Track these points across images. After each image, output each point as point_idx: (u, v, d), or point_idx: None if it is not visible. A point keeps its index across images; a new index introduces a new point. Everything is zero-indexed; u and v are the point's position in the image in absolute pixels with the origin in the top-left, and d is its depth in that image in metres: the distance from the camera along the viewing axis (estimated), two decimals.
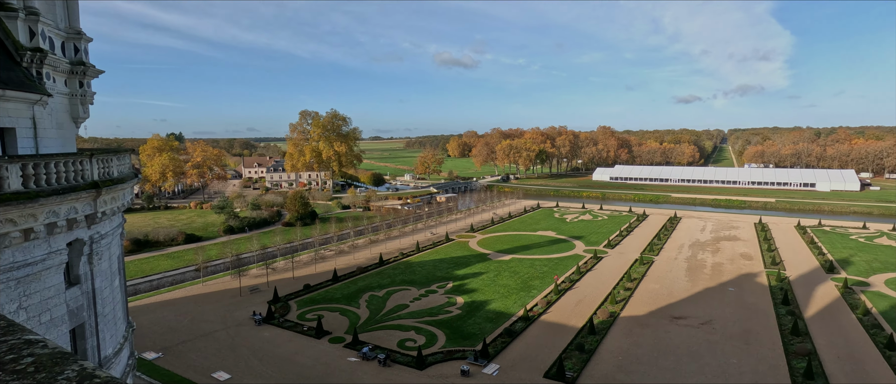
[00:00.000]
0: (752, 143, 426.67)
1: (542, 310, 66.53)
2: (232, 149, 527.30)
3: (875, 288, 76.20)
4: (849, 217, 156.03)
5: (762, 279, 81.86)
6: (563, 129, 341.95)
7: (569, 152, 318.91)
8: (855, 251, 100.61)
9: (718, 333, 58.78)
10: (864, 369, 49.49)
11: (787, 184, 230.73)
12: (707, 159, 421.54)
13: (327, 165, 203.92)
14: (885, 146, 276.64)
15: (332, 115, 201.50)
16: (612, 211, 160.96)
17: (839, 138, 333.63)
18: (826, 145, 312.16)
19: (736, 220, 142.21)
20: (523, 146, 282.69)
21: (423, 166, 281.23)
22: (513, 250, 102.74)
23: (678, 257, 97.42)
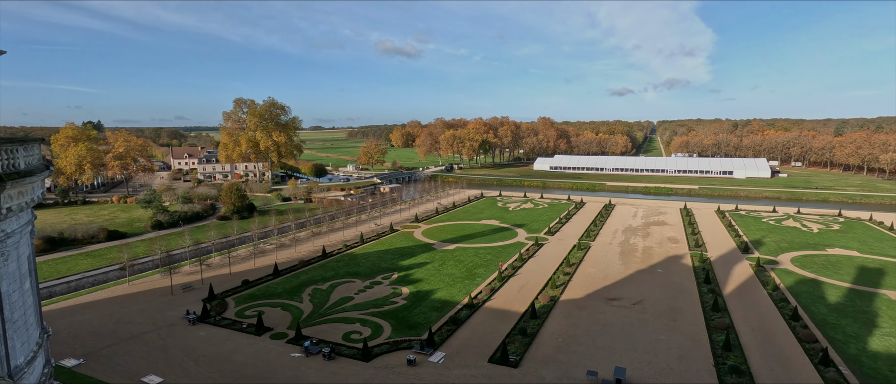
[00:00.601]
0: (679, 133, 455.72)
1: (487, 297, 67.98)
2: (159, 139, 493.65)
3: (783, 265, 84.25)
4: (761, 201, 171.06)
5: (687, 260, 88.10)
6: (505, 119, 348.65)
7: (511, 142, 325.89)
8: (766, 233, 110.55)
9: (649, 312, 62.74)
10: (773, 339, 54.75)
11: (709, 171, 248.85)
12: (638, 149, 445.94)
13: (265, 156, 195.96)
14: (791, 137, 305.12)
15: (269, 103, 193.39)
16: (552, 199, 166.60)
17: (753, 129, 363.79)
18: (742, 136, 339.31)
19: (664, 206, 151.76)
20: (467, 136, 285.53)
21: (367, 156, 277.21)
22: (457, 239, 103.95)
23: (613, 242, 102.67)
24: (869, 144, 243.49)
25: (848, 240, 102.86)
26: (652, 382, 45.39)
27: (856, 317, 60.95)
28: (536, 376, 46.45)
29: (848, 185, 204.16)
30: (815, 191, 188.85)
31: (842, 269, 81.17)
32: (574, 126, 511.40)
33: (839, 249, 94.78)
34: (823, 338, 54.73)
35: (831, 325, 58.30)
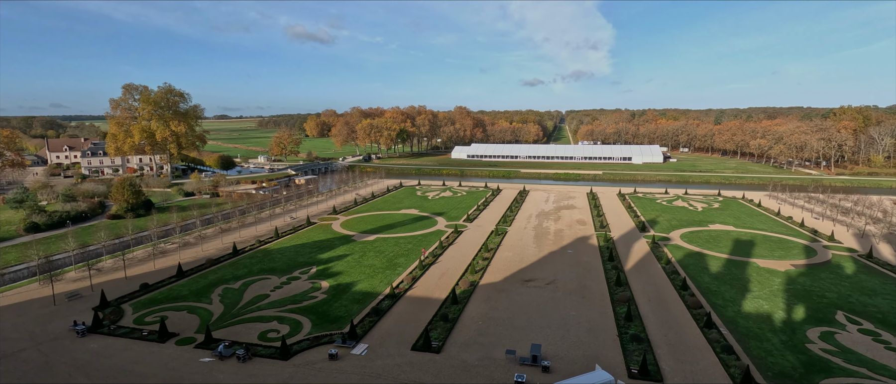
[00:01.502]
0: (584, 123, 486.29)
1: (408, 286, 68.30)
2: (30, 129, 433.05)
3: (674, 242, 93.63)
4: (655, 184, 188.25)
5: (593, 241, 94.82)
6: (422, 108, 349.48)
7: (428, 131, 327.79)
8: (660, 212, 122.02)
9: (561, 291, 66.83)
10: (666, 307, 60.88)
11: (611, 158, 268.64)
12: (549, 137, 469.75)
13: (163, 148, 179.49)
14: (679, 125, 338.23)
15: (165, 90, 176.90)
16: (470, 187, 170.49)
17: (648, 119, 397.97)
18: (639, 125, 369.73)
19: (573, 191, 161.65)
20: (384, 125, 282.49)
21: (279, 147, 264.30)
22: (377, 230, 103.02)
23: (527, 226, 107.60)
24: (742, 132, 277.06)
25: (725, 216, 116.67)
26: (565, 355, 48.54)
27: (732, 283, 69.55)
28: (458, 360, 47.69)
29: (725, 167, 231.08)
30: (699, 173, 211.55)
31: (721, 243, 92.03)
32: (489, 115, 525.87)
33: (719, 225, 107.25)
34: (707, 303, 61.86)
35: (713, 292, 66.03)
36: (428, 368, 46.14)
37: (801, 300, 62.91)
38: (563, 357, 48.26)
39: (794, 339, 51.75)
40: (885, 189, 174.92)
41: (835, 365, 46.33)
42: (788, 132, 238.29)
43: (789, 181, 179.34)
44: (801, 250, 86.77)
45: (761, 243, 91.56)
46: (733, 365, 46.05)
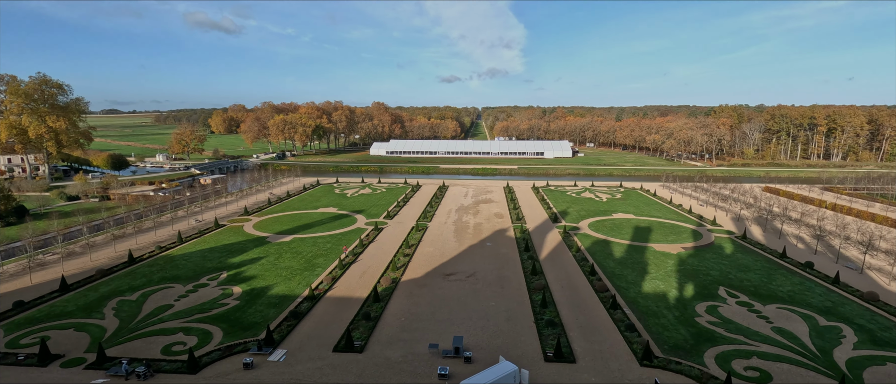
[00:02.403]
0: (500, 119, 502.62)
1: (328, 286, 66.50)
2: None
3: (583, 231, 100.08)
4: (565, 177, 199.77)
5: (510, 233, 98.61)
6: (339, 104, 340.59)
7: (346, 128, 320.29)
8: (570, 204, 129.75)
9: (481, 283, 68.78)
10: (577, 292, 65.02)
11: (525, 153, 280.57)
12: (467, 133, 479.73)
13: (38, 146, 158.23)
14: (585, 122, 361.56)
15: (39, 80, 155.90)
16: (389, 183, 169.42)
17: (558, 116, 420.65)
18: (550, 121, 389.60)
19: (490, 186, 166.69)
20: (299, 121, 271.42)
21: (181, 145, 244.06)
22: (294, 230, 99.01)
23: (447, 221, 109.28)
24: (639, 128, 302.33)
25: (626, 206, 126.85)
26: (486, 345, 50.08)
27: (634, 267, 75.88)
28: (382, 358, 47.38)
29: (626, 161, 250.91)
30: (603, 167, 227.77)
31: (623, 230, 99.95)
32: (408, 111, 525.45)
33: (621, 214, 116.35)
34: (612, 287, 66.96)
35: (618, 276, 71.59)
36: (351, 369, 45.34)
37: (691, 279, 70.24)
38: (484, 346, 49.75)
39: (685, 314, 57.69)
40: (755, 178, 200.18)
41: (718, 334, 52.35)
42: (678, 128, 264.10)
43: (679, 172, 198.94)
44: (690, 234, 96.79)
45: (657, 229, 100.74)
46: (635, 341, 50.35)
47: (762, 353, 48.06)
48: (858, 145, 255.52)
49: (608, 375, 44.54)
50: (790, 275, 72.08)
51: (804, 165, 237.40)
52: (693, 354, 48.15)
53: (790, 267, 76.18)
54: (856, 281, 70.03)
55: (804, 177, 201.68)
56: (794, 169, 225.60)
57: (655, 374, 44.35)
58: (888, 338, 52.01)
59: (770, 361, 46.56)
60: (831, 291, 65.58)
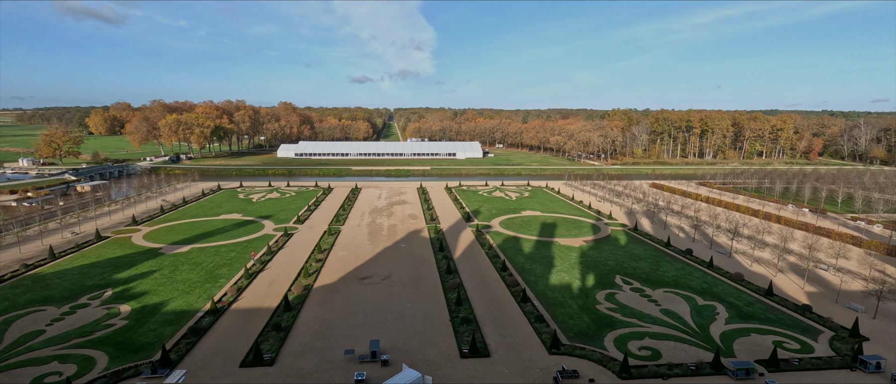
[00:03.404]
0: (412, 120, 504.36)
1: (234, 298, 62.30)
2: None
3: (495, 229, 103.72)
4: (477, 177, 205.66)
5: (425, 233, 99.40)
6: (241, 103, 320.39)
7: (250, 128, 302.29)
8: (482, 203, 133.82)
9: (396, 285, 68.53)
10: (490, 288, 67.25)
11: (438, 154, 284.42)
12: (379, 134, 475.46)
13: None
14: (494, 124, 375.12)
15: None
16: (299, 187, 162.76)
17: (469, 117, 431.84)
18: (461, 123, 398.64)
19: (404, 187, 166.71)
20: (196, 121, 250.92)
21: (52, 148, 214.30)
22: (192, 239, 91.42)
23: (361, 224, 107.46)
24: (543, 130, 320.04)
25: (534, 203, 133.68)
26: (403, 346, 50.00)
27: (541, 261, 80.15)
28: (294, 369, 45.38)
29: (532, 161, 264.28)
30: (512, 167, 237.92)
31: (531, 226, 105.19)
32: (317, 112, 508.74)
33: (529, 211, 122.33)
34: (522, 281, 70.19)
35: (527, 270, 75.17)
36: (260, 383, 42.86)
37: (591, 269, 75.78)
38: (401, 348, 49.64)
39: (587, 303, 62.11)
40: (643, 175, 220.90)
41: (616, 319, 57.02)
42: (577, 130, 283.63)
43: (580, 171, 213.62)
44: (590, 228, 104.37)
45: (562, 225, 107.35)
46: (544, 331, 53.23)
47: (653, 333, 53.19)
48: (725, 145, 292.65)
49: (520, 366, 46.59)
50: (674, 262, 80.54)
51: (683, 163, 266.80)
52: (595, 339, 51.98)
53: (674, 254, 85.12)
54: (725, 263, 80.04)
55: (683, 173, 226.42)
56: (675, 166, 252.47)
57: (562, 361, 47.24)
58: (751, 311, 60.10)
59: (660, 340, 51.66)
60: (707, 274, 74.33)
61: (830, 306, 62.61)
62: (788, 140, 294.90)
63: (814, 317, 58.41)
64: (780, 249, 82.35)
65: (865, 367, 46.56)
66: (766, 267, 79.44)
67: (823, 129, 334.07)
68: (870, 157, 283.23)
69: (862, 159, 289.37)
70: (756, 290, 67.16)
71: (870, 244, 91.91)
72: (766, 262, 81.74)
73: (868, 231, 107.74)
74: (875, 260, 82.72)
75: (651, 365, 46.39)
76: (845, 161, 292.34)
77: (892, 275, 75.32)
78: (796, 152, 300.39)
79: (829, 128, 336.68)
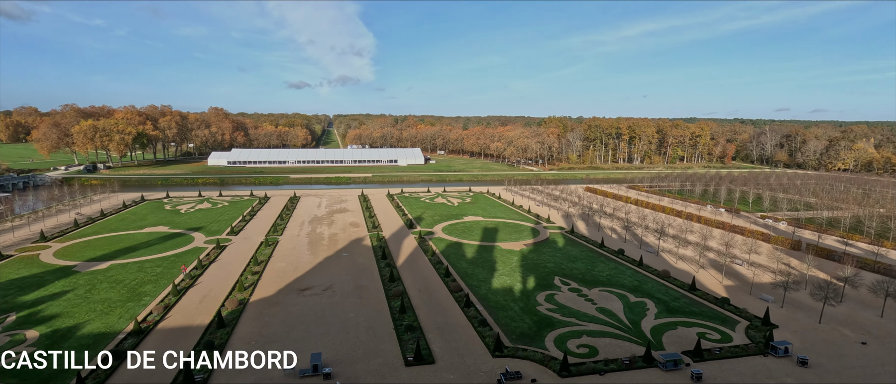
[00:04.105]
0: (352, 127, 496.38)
1: (160, 316, 58.13)
2: None
3: (437, 235, 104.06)
4: (419, 184, 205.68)
5: (367, 241, 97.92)
6: (167, 108, 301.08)
7: (177, 135, 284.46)
8: (424, 209, 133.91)
9: (338, 295, 66.90)
10: (434, 295, 67.30)
11: (379, 161, 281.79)
12: (318, 141, 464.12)
13: None
14: (436, 130, 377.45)
15: None
16: (233, 196, 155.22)
17: (410, 124, 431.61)
18: (402, 129, 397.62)
19: (345, 195, 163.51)
20: (115, 128, 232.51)
21: None
22: (112, 255, 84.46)
23: (300, 234, 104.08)
24: (484, 137, 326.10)
25: (476, 209, 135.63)
26: (346, 357, 48.82)
27: (484, 266, 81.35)
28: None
29: (473, 167, 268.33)
30: (454, 173, 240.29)
31: (473, 232, 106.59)
32: (252, 118, 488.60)
33: (471, 217, 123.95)
34: (466, 286, 70.85)
35: (470, 275, 75.99)
36: None
37: (532, 272, 77.90)
38: (344, 359, 48.45)
39: (528, 305, 63.74)
40: (578, 179, 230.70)
41: (556, 319, 58.91)
42: (516, 137, 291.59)
43: (519, 176, 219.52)
44: (530, 232, 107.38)
45: (503, 229, 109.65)
46: (487, 335, 53.98)
47: (590, 331, 55.46)
48: (651, 151, 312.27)
49: (464, 370, 46.92)
50: (608, 262, 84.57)
51: (614, 168, 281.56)
52: (536, 340, 53.40)
53: (607, 255, 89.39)
54: (654, 262, 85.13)
55: (615, 177, 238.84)
56: (607, 171, 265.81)
57: (506, 363, 48.11)
58: (677, 306, 64.25)
59: (596, 337, 53.95)
60: (638, 272, 78.66)
61: (745, 298, 68.22)
62: (706, 146, 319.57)
63: (731, 308, 63.37)
64: (701, 247, 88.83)
65: (776, 352, 51.12)
66: (690, 263, 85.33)
67: (736, 135, 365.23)
68: (775, 161, 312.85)
69: (768, 163, 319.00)
70: (681, 286, 71.90)
71: (777, 240, 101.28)
72: (689, 259, 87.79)
73: (775, 228, 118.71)
74: (781, 254, 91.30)
75: (589, 362, 48.33)
76: (755, 164, 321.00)
77: (796, 268, 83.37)
78: (713, 157, 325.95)
79: (740, 134, 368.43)
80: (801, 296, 67.46)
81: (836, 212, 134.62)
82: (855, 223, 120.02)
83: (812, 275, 76.85)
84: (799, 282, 69.62)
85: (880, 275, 76.44)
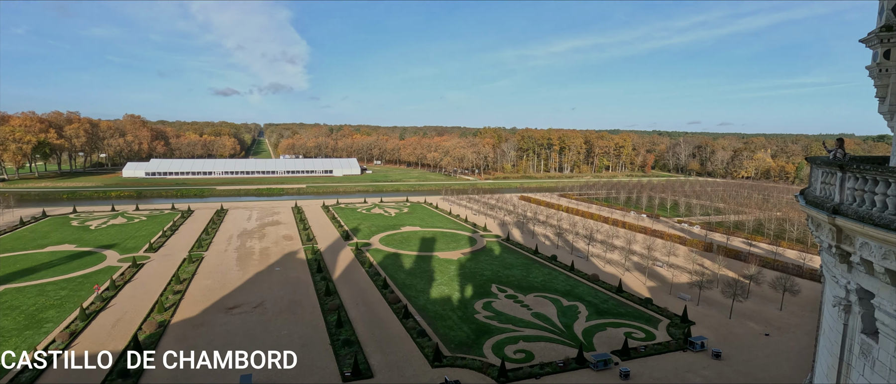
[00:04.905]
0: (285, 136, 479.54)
1: (65, 343, 52.52)
2: None
3: (374, 246, 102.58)
4: (355, 195, 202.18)
5: (301, 255, 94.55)
6: (74, 115, 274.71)
7: (86, 144, 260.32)
8: (361, 221, 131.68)
9: (270, 312, 63.89)
10: (372, 307, 66.11)
11: (314, 171, 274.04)
12: (248, 151, 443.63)
13: None
14: (372, 140, 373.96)
15: None
16: (152, 210, 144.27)
17: (346, 134, 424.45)
18: (338, 139, 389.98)
19: (277, 206, 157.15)
20: (11, 136, 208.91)
21: None
22: (6, 278, 75.33)
23: (228, 248, 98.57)
24: (421, 146, 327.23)
25: (413, 219, 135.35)
26: (279, 378, 46.61)
27: (422, 276, 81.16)
28: None
29: (410, 177, 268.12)
30: (391, 183, 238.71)
31: (411, 242, 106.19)
32: (174, 126, 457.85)
33: (408, 227, 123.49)
34: (404, 297, 70.25)
35: (408, 286, 75.49)
36: None
37: (469, 280, 78.78)
38: (277, 380, 46.27)
39: (467, 313, 64.31)
40: (513, 188, 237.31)
41: (493, 326, 59.85)
42: (452, 147, 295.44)
43: (456, 186, 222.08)
44: (467, 241, 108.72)
45: (440, 239, 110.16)
46: (426, 346, 53.77)
47: (526, 336, 56.86)
48: (580, 160, 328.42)
49: (404, 382, 46.34)
50: (542, 268, 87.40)
51: (546, 177, 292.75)
52: (474, 348, 53.92)
53: (542, 261, 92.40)
54: (584, 266, 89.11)
55: (547, 186, 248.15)
56: (540, 180, 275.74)
57: (445, 373, 48.11)
58: (606, 308, 67.56)
59: (532, 342, 55.40)
60: (570, 277, 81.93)
61: (666, 297, 73.08)
62: (628, 156, 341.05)
63: (654, 308, 67.61)
64: (626, 251, 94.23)
65: (693, 347, 55.09)
66: (616, 267, 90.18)
67: (654, 146, 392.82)
68: (688, 170, 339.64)
69: (683, 171, 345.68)
70: (609, 288, 75.74)
71: (692, 242, 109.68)
72: (616, 263, 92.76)
73: (690, 231, 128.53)
74: (696, 255, 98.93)
75: (525, 366, 49.50)
76: (671, 173, 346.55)
77: (708, 268, 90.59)
78: (635, 166, 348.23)
79: (658, 145, 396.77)
80: (714, 294, 73.34)
81: (741, 215, 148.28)
82: (757, 226, 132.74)
83: (722, 274, 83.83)
84: (712, 281, 75.83)
85: (779, 272, 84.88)
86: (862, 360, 14.09)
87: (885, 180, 12.05)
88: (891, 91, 17.90)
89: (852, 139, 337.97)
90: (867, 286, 13.52)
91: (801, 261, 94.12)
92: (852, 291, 14.30)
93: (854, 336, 14.62)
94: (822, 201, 14.81)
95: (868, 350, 13.81)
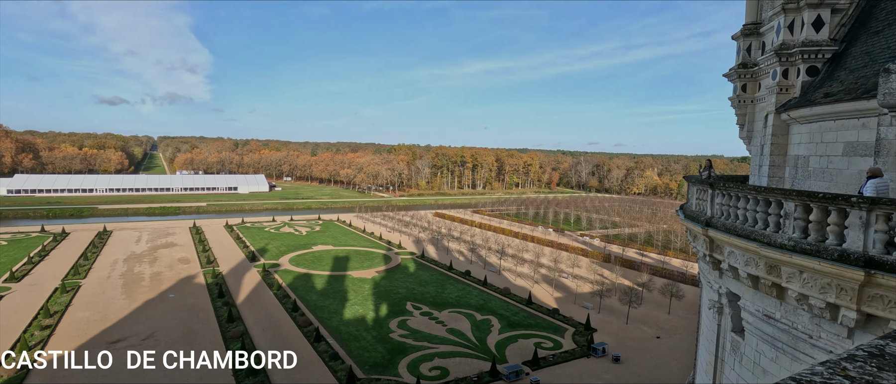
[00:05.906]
0: (183, 150, 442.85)
1: None
2: None
3: (284, 267, 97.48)
4: (263, 213, 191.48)
5: (200, 279, 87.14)
6: None
7: None
8: (269, 240, 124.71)
9: (162, 344, 57.84)
10: (280, 331, 62.47)
11: (216, 188, 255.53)
12: (137, 166, 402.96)
13: None
14: (282, 156, 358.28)
15: None
16: (15, 233, 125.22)
17: (252, 148, 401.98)
18: (244, 154, 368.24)
19: (172, 227, 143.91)
20: None
21: None
22: None
23: (112, 274, 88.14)
24: (333, 163, 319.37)
25: (325, 237, 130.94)
26: None
27: (335, 296, 78.45)
28: None
29: (323, 194, 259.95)
30: (302, 200, 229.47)
31: (323, 261, 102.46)
32: (46, 137, 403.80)
33: (320, 246, 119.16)
34: (315, 319, 67.31)
35: (320, 308, 72.52)
36: None
37: (384, 299, 77.56)
38: None
39: (381, 332, 63.11)
40: (428, 205, 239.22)
41: (408, 345, 59.27)
42: (366, 163, 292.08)
43: (370, 203, 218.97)
44: (382, 258, 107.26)
45: (354, 257, 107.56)
46: (339, 369, 51.80)
47: (441, 353, 56.99)
48: (492, 177, 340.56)
49: None
50: (456, 283, 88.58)
51: (460, 194, 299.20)
52: (389, 368, 52.92)
53: (456, 276, 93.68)
54: (496, 280, 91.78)
55: (461, 203, 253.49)
56: (454, 197, 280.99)
57: None
58: (517, 320, 69.95)
59: (447, 358, 55.62)
60: (483, 292, 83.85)
61: (571, 307, 77.41)
62: (536, 173, 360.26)
63: (561, 317, 71.25)
64: (535, 264, 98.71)
65: (596, 353, 58.76)
66: (526, 280, 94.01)
67: (559, 164, 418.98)
68: (589, 186, 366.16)
69: (584, 188, 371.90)
70: (520, 301, 78.62)
71: (593, 254, 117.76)
72: (526, 276, 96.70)
73: (591, 244, 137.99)
74: (597, 266, 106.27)
75: (440, 383, 49.46)
76: (574, 190, 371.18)
77: (607, 277, 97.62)
78: (542, 183, 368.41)
79: (562, 163, 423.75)
80: (613, 302, 79.08)
81: (635, 228, 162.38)
82: (647, 237, 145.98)
83: (619, 283, 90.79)
84: (611, 290, 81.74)
85: (666, 279, 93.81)
86: (733, 356, 15.92)
87: (745, 196, 13.84)
88: (747, 119, 20.80)
89: (722, 160, 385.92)
90: (735, 289, 15.37)
91: (684, 269, 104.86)
92: (723, 295, 16.17)
93: (726, 335, 16.50)
94: (697, 215, 16.65)
95: (737, 346, 15.64)
